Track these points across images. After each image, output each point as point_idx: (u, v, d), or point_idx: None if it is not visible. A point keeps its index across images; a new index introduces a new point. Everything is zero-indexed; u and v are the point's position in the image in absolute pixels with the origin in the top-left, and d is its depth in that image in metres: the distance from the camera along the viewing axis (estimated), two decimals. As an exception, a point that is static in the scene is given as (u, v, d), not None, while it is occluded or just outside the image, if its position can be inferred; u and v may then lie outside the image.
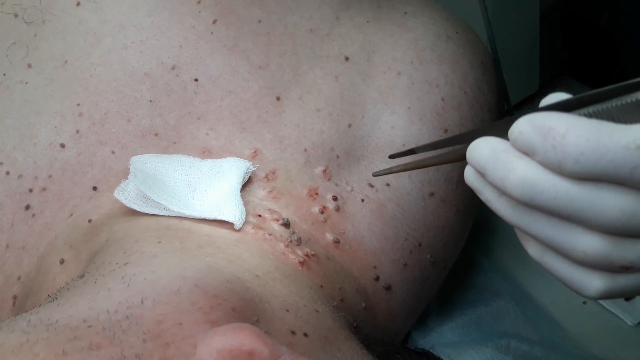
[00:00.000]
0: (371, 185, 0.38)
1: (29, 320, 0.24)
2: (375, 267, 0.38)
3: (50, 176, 0.35)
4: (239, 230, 0.34)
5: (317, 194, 0.37)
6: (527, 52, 1.33)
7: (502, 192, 0.24)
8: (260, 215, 0.35)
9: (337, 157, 0.38)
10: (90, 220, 0.34)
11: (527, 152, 0.23)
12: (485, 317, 0.47)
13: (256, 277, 0.30)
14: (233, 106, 0.37)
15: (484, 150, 0.24)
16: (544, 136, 0.22)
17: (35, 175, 0.35)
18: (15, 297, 0.35)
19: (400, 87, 0.39)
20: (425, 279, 0.41)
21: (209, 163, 0.36)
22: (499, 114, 0.45)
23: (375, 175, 0.32)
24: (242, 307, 0.26)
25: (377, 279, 0.38)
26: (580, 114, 0.22)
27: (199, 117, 0.37)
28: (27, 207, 0.35)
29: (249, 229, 0.34)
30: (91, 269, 0.30)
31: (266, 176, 0.37)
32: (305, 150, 0.38)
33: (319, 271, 0.35)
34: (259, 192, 0.37)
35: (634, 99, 0.21)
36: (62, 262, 0.33)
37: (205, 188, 0.34)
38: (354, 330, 0.32)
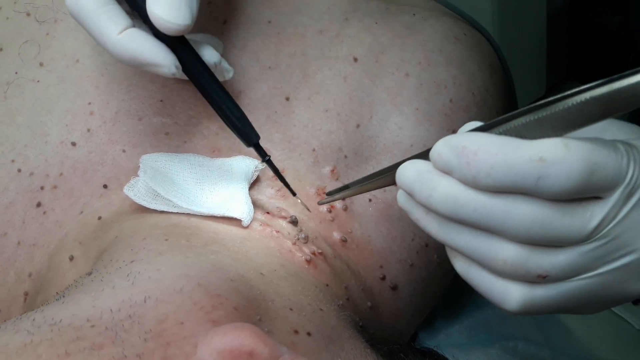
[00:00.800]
0: None
1: (34, 320, 0.24)
2: (381, 267, 0.38)
3: (61, 174, 0.36)
4: (246, 227, 0.34)
5: (324, 193, 0.37)
6: (534, 55, 1.34)
7: (429, 209, 0.26)
8: (268, 213, 0.35)
9: (345, 157, 0.38)
10: (100, 218, 0.35)
11: (447, 171, 0.25)
12: (493, 319, 0.47)
13: (261, 275, 0.30)
14: (242, 106, 0.37)
15: (410, 172, 0.26)
16: (459, 155, 0.24)
17: (47, 173, 0.36)
18: (26, 294, 0.35)
19: (408, 88, 0.39)
20: (431, 279, 0.41)
21: (218, 162, 0.36)
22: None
23: (320, 204, 0.34)
24: (244, 306, 0.26)
25: (384, 278, 0.38)
26: (491, 134, 0.25)
27: (209, 117, 0.37)
28: (39, 205, 0.36)
29: (256, 225, 0.34)
30: (99, 266, 0.30)
31: (275, 175, 0.37)
32: (314, 150, 0.38)
33: (326, 270, 0.35)
34: (267, 190, 0.37)
35: (535, 117, 0.24)
36: (71, 258, 0.34)
37: (214, 186, 0.35)
38: (359, 330, 0.33)
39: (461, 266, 0.28)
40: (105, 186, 0.36)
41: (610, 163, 0.23)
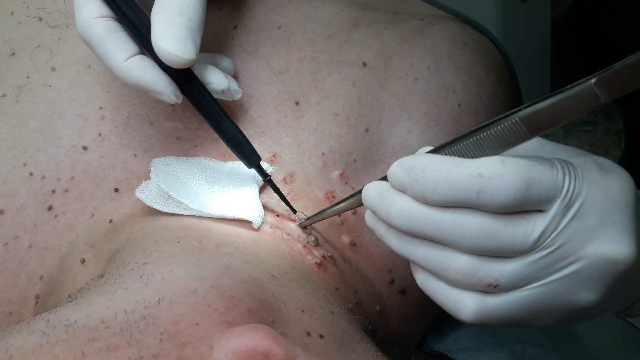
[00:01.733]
0: None
1: (48, 321, 0.24)
2: (390, 271, 0.38)
3: (72, 178, 0.36)
4: (257, 230, 0.34)
5: (334, 197, 0.38)
6: (538, 61, 1.34)
7: (389, 225, 0.29)
8: (278, 215, 0.36)
9: (354, 161, 0.38)
10: (111, 221, 0.35)
11: (401, 189, 0.28)
12: (500, 323, 0.47)
13: (272, 278, 0.30)
14: (253, 110, 0.38)
15: (372, 192, 0.29)
16: (409, 173, 0.27)
17: (58, 176, 0.36)
18: (37, 297, 0.35)
19: (417, 93, 0.40)
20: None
21: (228, 165, 0.36)
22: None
23: (301, 225, 0.35)
24: (257, 308, 0.26)
25: (392, 282, 0.38)
26: (438, 154, 0.28)
27: None
28: (50, 208, 0.36)
29: (267, 228, 0.35)
30: (111, 268, 0.30)
31: (284, 179, 0.37)
32: (323, 154, 0.38)
33: (335, 273, 0.35)
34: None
35: (474, 139, 0.27)
36: (83, 261, 0.34)
37: (225, 188, 0.35)
38: (369, 333, 0.33)
39: (421, 278, 0.30)
40: (116, 190, 0.36)
41: (546, 177, 0.25)
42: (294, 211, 0.35)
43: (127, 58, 0.31)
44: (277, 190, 0.35)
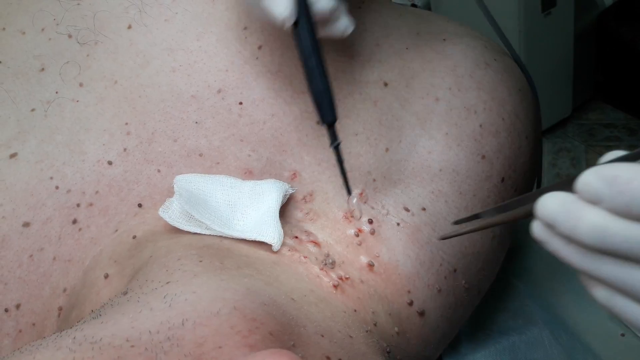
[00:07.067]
0: (407, 209, 0.39)
1: (74, 338, 0.25)
2: (409, 292, 0.38)
3: (97, 192, 0.37)
4: (276, 253, 0.34)
5: (352, 216, 0.38)
6: (561, 75, 1.33)
7: (573, 240, 0.25)
8: (297, 237, 0.36)
9: (374, 180, 0.39)
10: (134, 237, 0.36)
11: (594, 201, 0.24)
12: (519, 345, 0.47)
13: (292, 301, 0.30)
14: (275, 129, 0.38)
15: (554, 204, 0.26)
16: (610, 184, 0.23)
17: (83, 190, 0.37)
18: (60, 309, 0.36)
19: (438, 113, 0.40)
20: (459, 304, 0.40)
21: (249, 184, 0.37)
22: (536, 140, 0.45)
23: (442, 239, 0.34)
24: (279, 331, 0.26)
25: (411, 303, 0.38)
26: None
27: (242, 139, 0.38)
28: (74, 222, 0.36)
29: (285, 251, 0.35)
30: (134, 285, 0.31)
31: (304, 198, 0.37)
32: None
33: (353, 295, 0.35)
34: (296, 213, 0.37)
35: None
36: (106, 276, 0.34)
37: (245, 208, 0.35)
38: (386, 356, 0.33)
39: (602, 295, 0.27)
40: (139, 205, 0.37)
41: None
42: (350, 193, 0.36)
43: None
44: (341, 162, 0.35)
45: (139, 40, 0.39)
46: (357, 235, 0.37)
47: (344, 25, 0.35)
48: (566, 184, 0.26)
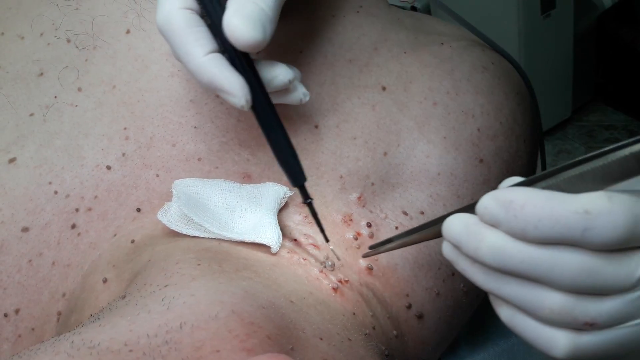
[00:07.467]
0: (405, 213, 0.39)
1: (72, 342, 0.25)
2: (407, 295, 0.38)
3: (95, 197, 0.37)
4: (275, 254, 0.34)
5: (351, 220, 0.38)
6: (560, 77, 1.33)
7: (475, 260, 0.27)
8: (295, 240, 0.36)
9: (372, 184, 0.39)
10: (133, 241, 0.36)
11: (493, 223, 0.26)
12: (518, 348, 0.47)
13: (291, 303, 0.30)
14: None
15: (457, 225, 0.28)
16: (506, 208, 0.25)
17: (82, 195, 0.37)
18: (59, 313, 0.36)
19: (436, 117, 0.40)
20: (457, 308, 0.41)
21: (248, 187, 0.37)
22: (533, 144, 0.45)
23: (365, 256, 0.35)
24: (277, 335, 0.26)
25: (410, 307, 0.38)
26: (535, 188, 0.26)
27: (241, 144, 0.38)
28: (73, 226, 0.37)
29: (284, 253, 0.35)
30: (132, 289, 0.31)
31: (302, 201, 0.37)
32: (341, 177, 0.38)
33: (352, 298, 0.35)
34: (295, 216, 0.37)
35: (577, 173, 0.25)
36: (105, 281, 0.34)
37: (244, 212, 0.35)
38: (385, 359, 0.33)
39: (506, 314, 0.28)
40: (138, 209, 0.37)
41: None
42: (327, 240, 0.35)
43: (206, 54, 0.30)
44: (315, 215, 0.35)
45: (137, 45, 0.39)
46: (356, 239, 0.37)
47: (301, 94, 0.35)
48: (473, 207, 0.27)
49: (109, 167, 0.37)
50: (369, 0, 0.43)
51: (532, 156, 0.45)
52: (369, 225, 0.38)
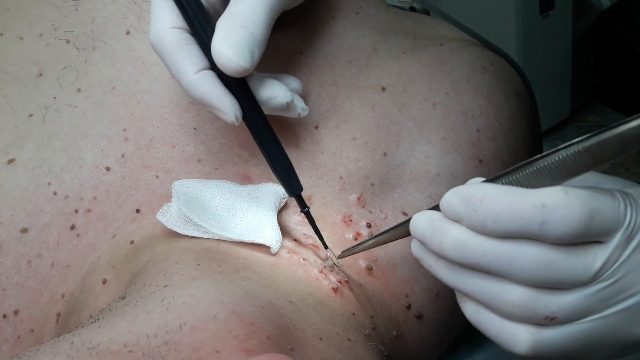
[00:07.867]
0: (405, 214, 0.39)
1: (72, 343, 0.25)
2: (407, 296, 0.38)
3: (95, 198, 0.37)
4: (274, 255, 0.34)
5: (351, 220, 0.38)
6: (559, 77, 1.33)
7: (440, 255, 0.28)
8: (295, 240, 0.36)
9: (372, 184, 0.39)
10: (132, 242, 0.36)
11: (456, 219, 0.27)
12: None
13: (290, 304, 0.30)
14: None
15: (422, 222, 0.28)
16: (467, 203, 0.26)
17: (81, 196, 0.37)
18: (59, 315, 0.36)
19: (435, 118, 0.40)
20: (456, 308, 0.40)
21: (248, 188, 0.37)
22: (533, 144, 0.45)
23: (340, 257, 0.35)
24: (276, 335, 0.26)
25: (409, 307, 0.38)
26: (495, 184, 0.27)
27: (241, 145, 0.38)
28: (72, 227, 0.36)
29: (284, 253, 0.35)
30: (132, 290, 0.31)
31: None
32: (341, 177, 0.38)
33: (352, 298, 0.35)
34: (294, 217, 0.37)
35: (534, 169, 0.26)
36: (104, 282, 0.34)
37: (243, 212, 0.35)
38: (385, 359, 0.33)
39: (470, 310, 0.29)
40: (137, 211, 0.37)
41: (608, 208, 0.25)
42: (326, 247, 0.35)
43: (197, 71, 0.31)
44: (313, 223, 0.35)
45: (137, 46, 0.39)
46: (356, 239, 0.38)
47: (299, 109, 0.36)
48: (438, 206, 0.28)
49: (108, 168, 0.37)
50: (368, 1, 0.43)
51: (531, 156, 0.45)
52: (368, 225, 0.38)
